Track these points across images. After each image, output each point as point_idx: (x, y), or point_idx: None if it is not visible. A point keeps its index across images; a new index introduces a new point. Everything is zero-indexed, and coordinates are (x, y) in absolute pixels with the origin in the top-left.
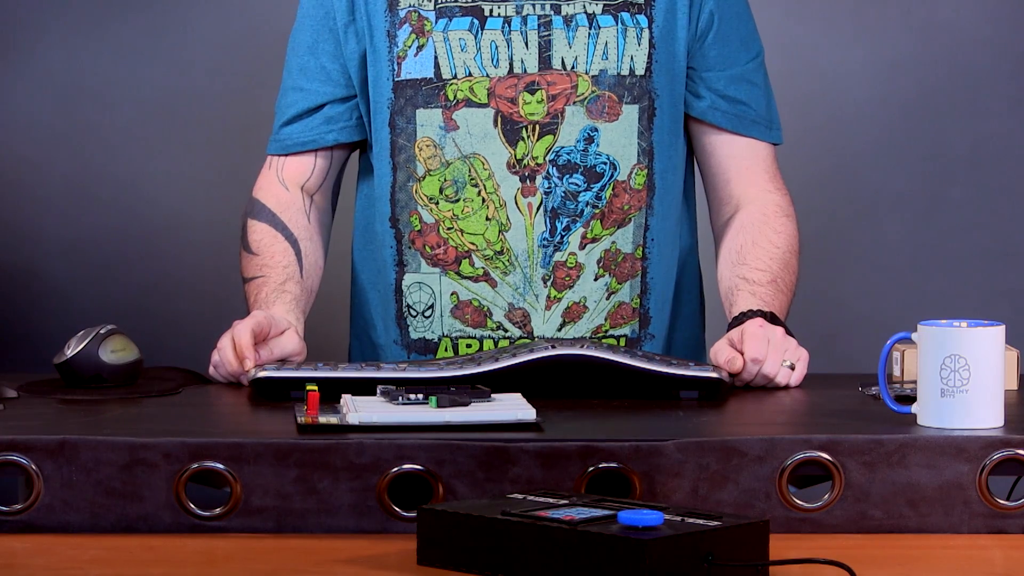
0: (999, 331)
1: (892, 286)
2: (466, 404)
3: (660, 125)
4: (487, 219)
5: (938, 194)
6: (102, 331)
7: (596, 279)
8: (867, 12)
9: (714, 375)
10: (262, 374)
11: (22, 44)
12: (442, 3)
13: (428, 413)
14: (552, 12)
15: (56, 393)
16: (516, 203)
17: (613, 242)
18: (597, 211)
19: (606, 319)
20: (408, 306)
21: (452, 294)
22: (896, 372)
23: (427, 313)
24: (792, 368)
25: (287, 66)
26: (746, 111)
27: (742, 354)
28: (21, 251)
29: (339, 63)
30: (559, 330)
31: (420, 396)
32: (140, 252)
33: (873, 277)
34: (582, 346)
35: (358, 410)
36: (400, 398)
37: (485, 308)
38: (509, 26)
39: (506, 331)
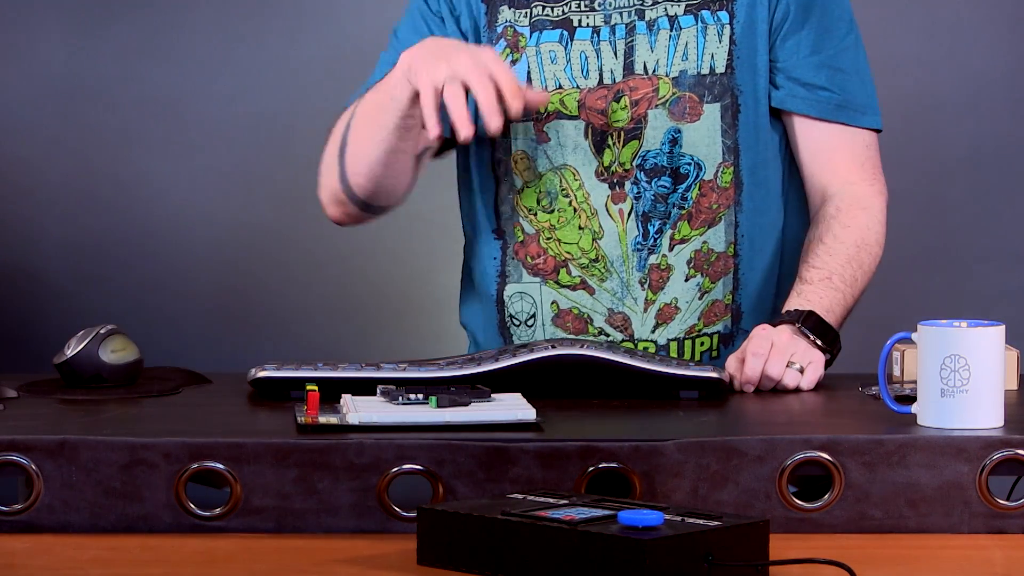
0: (999, 331)
1: (892, 286)
2: (466, 404)
3: (746, 121)
4: (580, 228)
5: (938, 194)
6: (102, 331)
7: (687, 280)
8: (867, 12)
9: (714, 375)
10: (262, 374)
11: (22, 44)
12: (536, 17)
13: (428, 413)
14: (636, 18)
15: (56, 393)
16: (607, 210)
17: (704, 242)
18: (684, 212)
19: (700, 319)
20: (511, 315)
21: (552, 303)
22: (896, 372)
23: (529, 322)
24: (801, 371)
25: (396, 35)
26: (828, 96)
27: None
28: (21, 251)
29: None
30: (653, 332)
31: (420, 396)
32: (140, 252)
33: (873, 277)
34: (582, 346)
35: (358, 410)
36: (400, 398)
37: (585, 315)
38: (598, 36)
39: (608, 336)
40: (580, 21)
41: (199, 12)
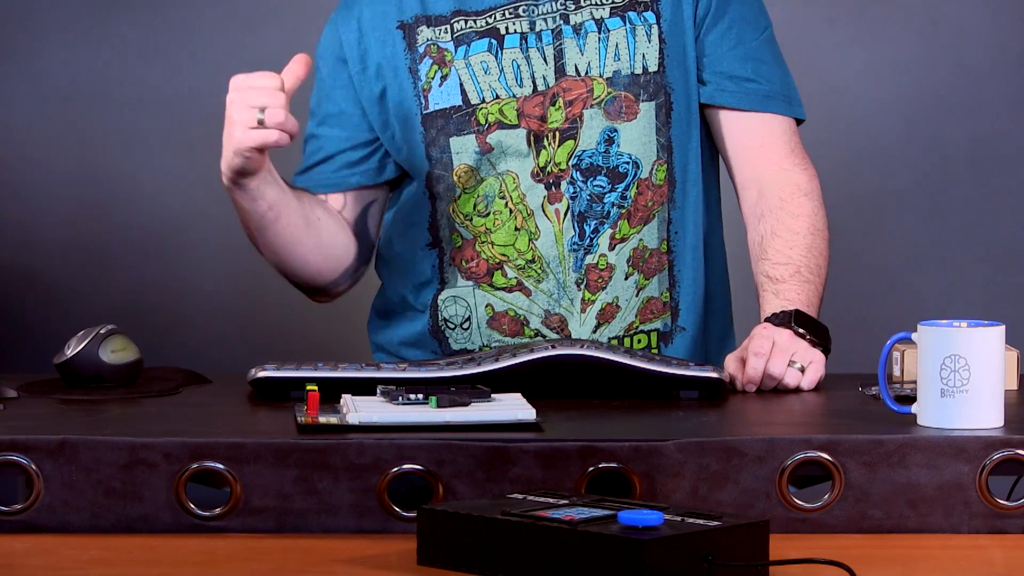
0: (999, 331)
1: (892, 286)
2: (466, 404)
3: (677, 118)
4: (516, 229)
5: (938, 194)
6: (102, 331)
7: (627, 278)
8: (869, 12)
9: (714, 375)
10: (262, 374)
11: (22, 44)
12: (459, 31)
13: (428, 413)
14: (562, 22)
15: (56, 393)
16: (543, 211)
17: (640, 239)
18: (623, 211)
19: (636, 315)
20: (445, 319)
21: (487, 306)
22: (896, 372)
23: (464, 326)
24: (802, 371)
25: (311, 109)
26: (756, 88)
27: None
28: (21, 251)
29: (358, 108)
30: (594, 332)
31: (420, 396)
32: (140, 252)
33: (873, 277)
34: (582, 346)
35: (358, 410)
36: (400, 398)
37: (521, 317)
38: (526, 43)
39: (545, 337)
40: (507, 28)
41: (199, 12)
